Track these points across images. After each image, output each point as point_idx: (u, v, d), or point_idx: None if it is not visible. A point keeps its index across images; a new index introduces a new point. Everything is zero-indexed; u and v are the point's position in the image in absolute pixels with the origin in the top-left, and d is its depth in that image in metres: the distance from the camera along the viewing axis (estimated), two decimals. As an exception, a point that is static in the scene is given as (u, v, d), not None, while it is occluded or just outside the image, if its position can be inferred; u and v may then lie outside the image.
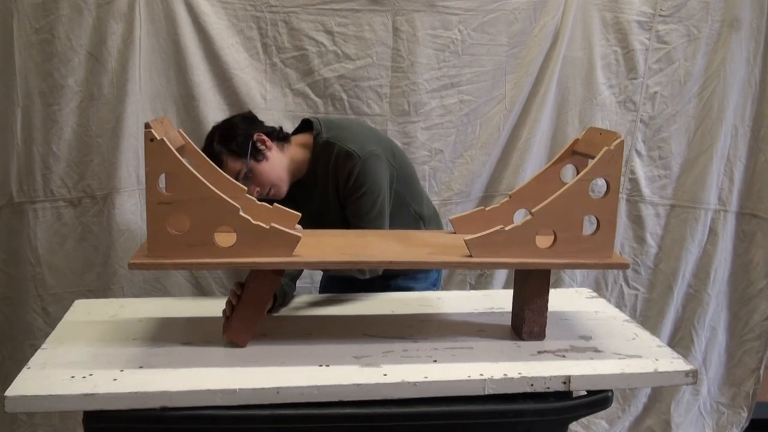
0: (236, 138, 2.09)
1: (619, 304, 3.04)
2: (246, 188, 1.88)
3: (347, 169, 2.08)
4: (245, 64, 2.63)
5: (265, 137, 2.12)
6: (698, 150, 2.93)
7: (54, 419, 2.72)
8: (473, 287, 2.96)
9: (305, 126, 2.24)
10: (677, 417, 3.14)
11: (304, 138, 2.19)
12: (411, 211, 2.28)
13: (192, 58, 2.58)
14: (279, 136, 2.17)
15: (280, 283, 1.89)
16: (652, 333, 1.91)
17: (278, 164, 2.13)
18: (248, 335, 1.74)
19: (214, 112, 2.61)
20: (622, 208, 2.98)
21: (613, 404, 3.05)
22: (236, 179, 2.03)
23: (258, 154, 2.10)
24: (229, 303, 1.81)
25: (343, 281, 2.34)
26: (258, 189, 2.11)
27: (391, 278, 2.30)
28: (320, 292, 2.55)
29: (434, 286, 2.42)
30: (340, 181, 2.11)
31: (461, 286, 2.96)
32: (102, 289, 2.65)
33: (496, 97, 2.81)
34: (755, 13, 2.80)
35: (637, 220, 3.01)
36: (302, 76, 2.68)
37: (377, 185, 2.10)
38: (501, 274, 2.97)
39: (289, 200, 2.17)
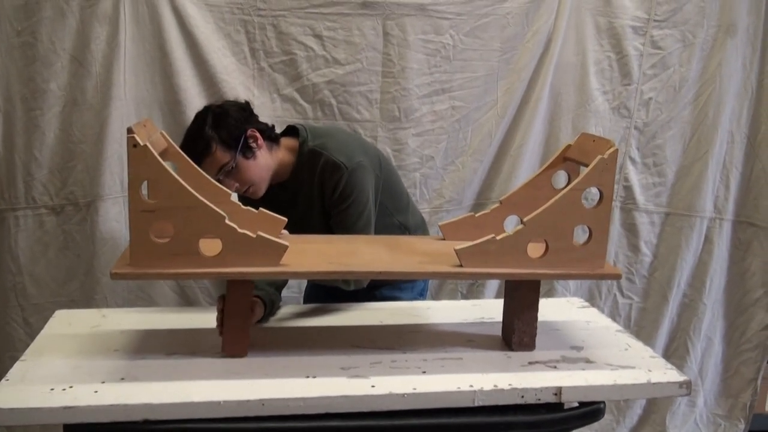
0: (230, 128, 2.02)
1: (613, 314, 3.01)
2: (228, 190, 1.85)
3: (334, 180, 2.04)
4: (232, 69, 2.60)
5: (258, 134, 2.06)
6: (693, 157, 2.91)
7: (34, 432, 2.67)
8: (465, 296, 2.93)
9: (290, 132, 2.20)
10: (673, 429, 3.12)
11: (290, 142, 2.14)
12: (395, 221, 2.25)
13: (178, 63, 2.55)
14: (270, 136, 2.12)
15: (254, 288, 1.85)
16: (647, 343, 1.89)
17: (264, 164, 2.08)
18: (245, 344, 1.71)
19: (201, 118, 2.58)
20: (616, 216, 2.95)
21: (607, 416, 3.06)
22: (218, 170, 2.01)
23: (248, 151, 2.04)
24: (219, 319, 1.78)
25: (328, 290, 2.31)
26: (237, 185, 2.06)
27: (376, 288, 2.26)
28: (305, 300, 2.52)
29: (421, 295, 2.38)
30: (326, 192, 2.08)
31: (452, 295, 2.93)
32: (85, 299, 2.62)
33: (488, 103, 2.78)
34: (751, 17, 2.79)
35: (631, 229, 2.98)
36: (291, 81, 2.64)
37: (364, 196, 2.07)
38: (493, 283, 2.94)
39: (270, 203, 2.13)
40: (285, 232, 1.86)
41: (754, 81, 2.86)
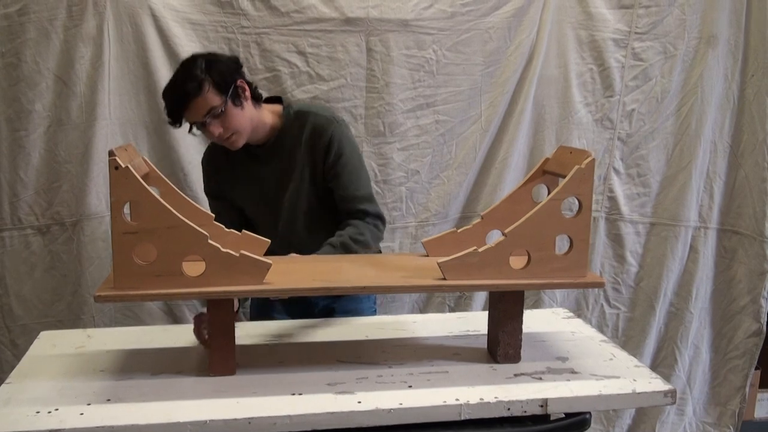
0: (222, 73, 2.04)
1: (601, 324, 3.02)
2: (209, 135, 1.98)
3: (326, 136, 2.11)
4: (217, 87, 2.60)
5: (246, 86, 2.10)
6: (677, 167, 2.93)
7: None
8: (452, 309, 2.94)
9: (271, 101, 2.24)
10: (662, 438, 3.11)
11: (274, 107, 2.20)
12: None
13: (163, 82, 2.51)
14: (255, 95, 2.15)
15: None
16: (635, 352, 1.89)
17: (249, 115, 2.10)
18: (232, 362, 1.71)
19: (186, 137, 2.54)
20: (601, 226, 2.96)
21: (597, 426, 3.06)
22: (207, 113, 2.01)
23: (237, 99, 2.06)
24: (202, 338, 1.79)
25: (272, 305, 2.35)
26: (221, 131, 2.05)
27: (334, 300, 2.31)
28: (252, 317, 2.47)
29: (374, 303, 2.44)
30: (318, 153, 2.13)
31: (440, 308, 2.93)
32: (72, 319, 2.61)
33: (472, 117, 2.79)
34: (732, 29, 2.81)
35: (616, 239, 2.99)
36: (275, 98, 2.65)
37: (357, 149, 2.18)
38: (481, 296, 2.94)
39: (253, 168, 2.20)
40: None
41: (736, 91, 2.89)
